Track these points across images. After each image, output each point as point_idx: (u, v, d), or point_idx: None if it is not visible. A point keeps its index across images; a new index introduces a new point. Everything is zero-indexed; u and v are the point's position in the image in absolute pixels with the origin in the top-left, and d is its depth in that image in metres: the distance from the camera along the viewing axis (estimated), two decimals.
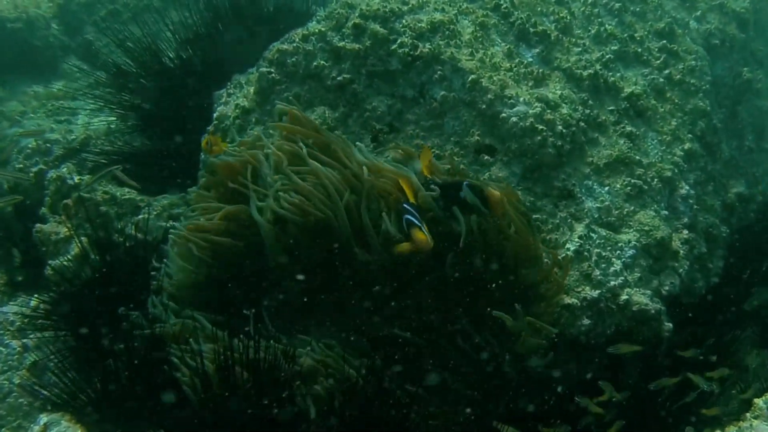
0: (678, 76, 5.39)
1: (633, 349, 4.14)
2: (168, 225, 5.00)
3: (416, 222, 3.49)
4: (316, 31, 4.83)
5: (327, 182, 3.82)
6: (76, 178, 4.89)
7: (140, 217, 5.00)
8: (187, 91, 5.98)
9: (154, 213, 5.04)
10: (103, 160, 5.63)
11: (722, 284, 5.27)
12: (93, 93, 6.33)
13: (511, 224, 3.94)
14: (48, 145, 5.93)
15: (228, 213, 3.95)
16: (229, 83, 5.38)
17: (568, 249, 4.46)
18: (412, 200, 3.77)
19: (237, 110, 4.99)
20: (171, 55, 6.22)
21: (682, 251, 4.82)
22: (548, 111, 4.62)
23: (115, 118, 6.15)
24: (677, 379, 4.20)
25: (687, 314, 4.81)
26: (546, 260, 4.17)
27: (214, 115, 5.10)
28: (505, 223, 3.93)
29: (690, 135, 5.25)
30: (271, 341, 3.72)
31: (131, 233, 4.90)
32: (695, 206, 5.06)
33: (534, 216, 4.44)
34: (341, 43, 4.77)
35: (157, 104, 5.98)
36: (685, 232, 4.93)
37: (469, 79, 4.60)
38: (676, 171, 5.02)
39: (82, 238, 4.70)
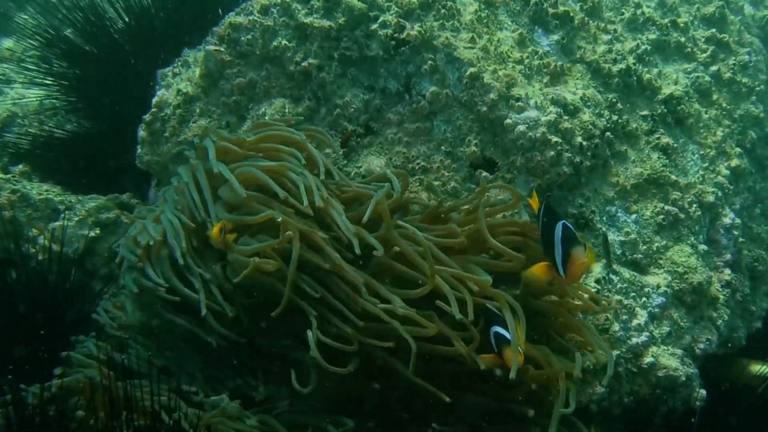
0: (727, 74, 4.38)
1: None
2: (93, 235, 4.07)
3: (508, 337, 2.86)
4: (279, 1, 3.82)
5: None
6: None
7: (57, 223, 4.05)
8: (138, 64, 4.99)
9: (77, 218, 4.10)
10: (25, 146, 4.67)
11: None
12: (29, 58, 5.34)
13: None
14: None
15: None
16: (177, 59, 4.39)
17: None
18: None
19: (179, 97, 4.01)
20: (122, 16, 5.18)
21: (722, 297, 3.89)
22: (566, 117, 3.64)
23: (53, 92, 5.14)
24: None
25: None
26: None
27: (153, 100, 4.13)
28: None
29: (738, 148, 4.26)
30: None
31: (45, 244, 3.97)
32: (740, 238, 4.10)
33: None
34: (308, 19, 3.77)
35: (99, 77, 5.00)
36: (727, 272, 3.99)
37: (468, 72, 3.61)
38: (720, 195, 4.05)
39: None
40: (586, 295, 3.33)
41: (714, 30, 4.45)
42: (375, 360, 2.99)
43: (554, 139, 3.56)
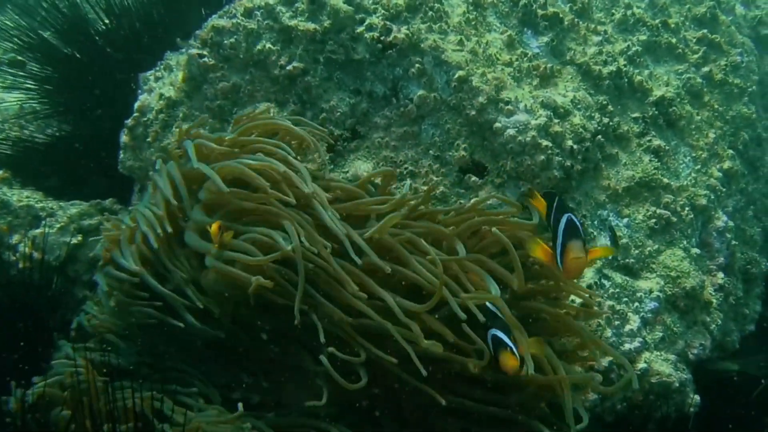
0: (719, 75, 4.33)
1: None
2: (75, 242, 3.99)
3: (506, 341, 2.76)
4: (263, 4, 3.74)
5: None
6: None
7: (38, 230, 3.97)
8: (120, 67, 4.90)
9: (58, 225, 4.02)
10: (5, 151, 4.58)
11: (760, 333, 4.30)
12: (9, 62, 5.25)
13: None
14: None
15: None
16: (159, 63, 4.31)
17: (573, 302, 3.46)
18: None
19: (161, 101, 3.93)
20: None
21: (715, 301, 3.84)
22: (556, 121, 3.58)
23: (34, 96, 5.05)
24: None
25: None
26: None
27: (135, 105, 4.04)
28: None
29: (731, 150, 4.21)
30: None
31: (26, 252, 3.89)
32: (733, 241, 4.05)
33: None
34: (293, 22, 3.69)
35: (80, 81, 4.90)
36: (720, 275, 3.93)
37: (456, 75, 3.54)
38: (713, 197, 4.00)
39: None
40: (585, 296, 3.26)
41: (705, 30, 4.40)
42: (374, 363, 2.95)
43: (544, 142, 3.49)
